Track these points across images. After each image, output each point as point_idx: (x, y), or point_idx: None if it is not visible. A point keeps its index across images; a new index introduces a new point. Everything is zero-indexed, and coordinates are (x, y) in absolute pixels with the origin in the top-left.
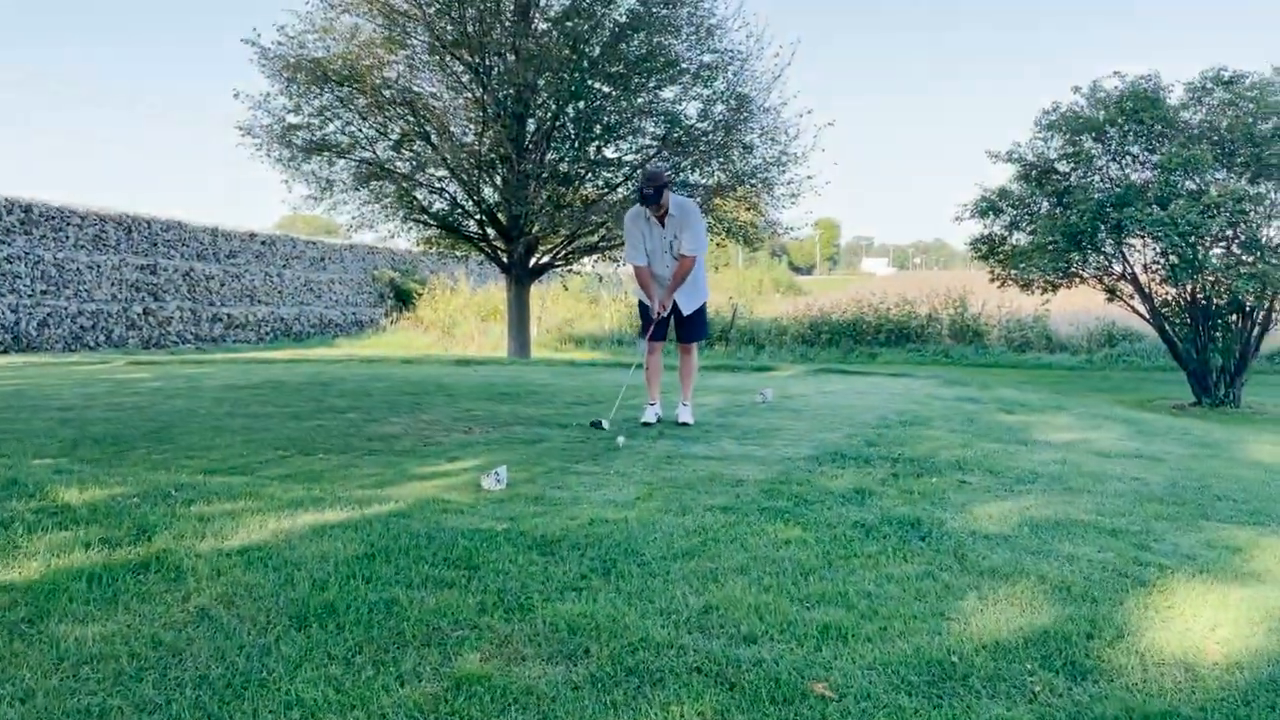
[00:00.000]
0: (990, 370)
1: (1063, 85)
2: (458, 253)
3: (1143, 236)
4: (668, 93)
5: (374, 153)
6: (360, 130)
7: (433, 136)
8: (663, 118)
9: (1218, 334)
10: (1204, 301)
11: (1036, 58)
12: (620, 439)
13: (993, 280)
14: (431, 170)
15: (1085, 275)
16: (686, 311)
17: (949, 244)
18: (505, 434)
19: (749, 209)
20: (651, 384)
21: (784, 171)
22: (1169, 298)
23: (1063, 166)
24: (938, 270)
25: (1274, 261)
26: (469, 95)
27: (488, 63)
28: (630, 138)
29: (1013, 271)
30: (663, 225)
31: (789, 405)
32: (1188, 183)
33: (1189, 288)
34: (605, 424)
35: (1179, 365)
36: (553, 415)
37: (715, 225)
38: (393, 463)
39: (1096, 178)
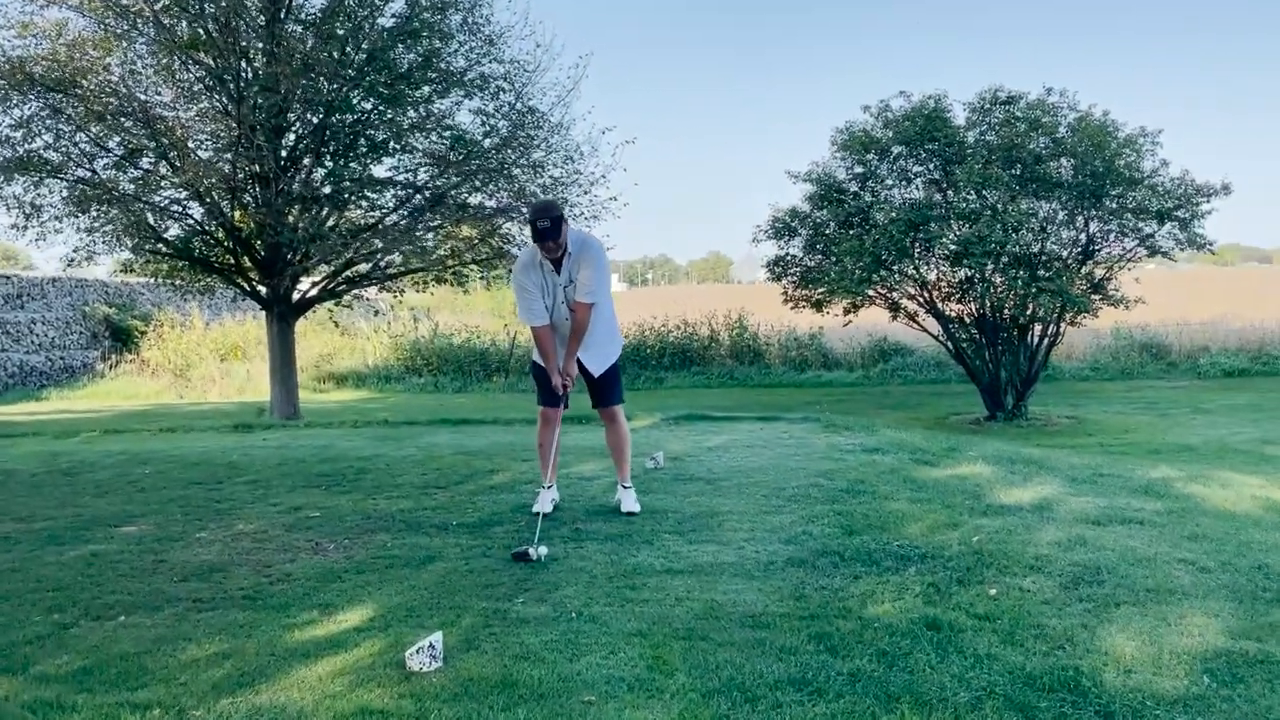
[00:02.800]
0: (777, 390)
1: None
2: (198, 286)
3: (941, 254)
4: (445, 105)
5: (94, 171)
6: (76, 145)
7: (170, 152)
8: (441, 133)
9: (1001, 348)
10: (997, 317)
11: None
12: (542, 550)
13: (786, 301)
14: (169, 191)
15: (887, 294)
16: (599, 371)
17: (673, 259)
18: (372, 550)
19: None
20: (546, 463)
21: (585, 192)
22: (961, 315)
23: (852, 186)
24: (665, 286)
25: (1043, 275)
26: (214, 105)
27: (234, 68)
28: (401, 155)
29: (820, 291)
30: (557, 269)
31: (690, 472)
32: (982, 200)
33: (986, 304)
34: (535, 553)
35: (972, 380)
36: (415, 510)
37: (506, 248)
38: (242, 625)
39: (886, 196)
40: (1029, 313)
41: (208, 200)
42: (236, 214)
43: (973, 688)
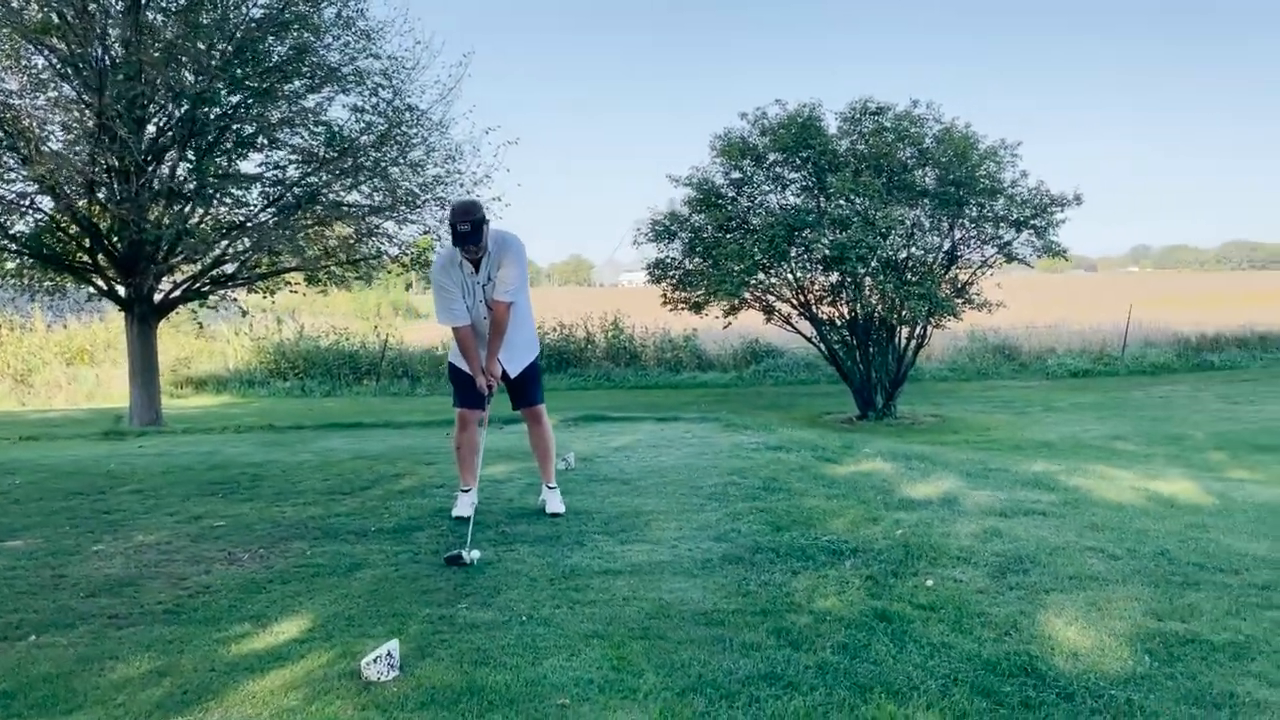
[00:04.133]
0: (654, 391)
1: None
2: (47, 286)
3: (816, 259)
4: (318, 100)
5: None
6: None
7: (19, 143)
8: (313, 129)
9: (872, 350)
10: (868, 320)
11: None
12: (474, 554)
13: (665, 303)
14: (17, 185)
15: (762, 297)
16: (516, 371)
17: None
18: (292, 559)
19: (426, 232)
20: (466, 466)
21: (468, 192)
22: (833, 317)
23: (729, 191)
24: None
25: (911, 280)
26: (67, 93)
27: (92, 55)
28: (270, 150)
29: (698, 293)
30: (476, 269)
31: (603, 473)
32: (854, 207)
33: (858, 307)
34: (469, 557)
35: (844, 380)
36: (327, 518)
37: (386, 247)
38: (170, 641)
39: (762, 201)
40: (900, 315)
41: (61, 195)
42: (94, 209)
43: (937, 675)
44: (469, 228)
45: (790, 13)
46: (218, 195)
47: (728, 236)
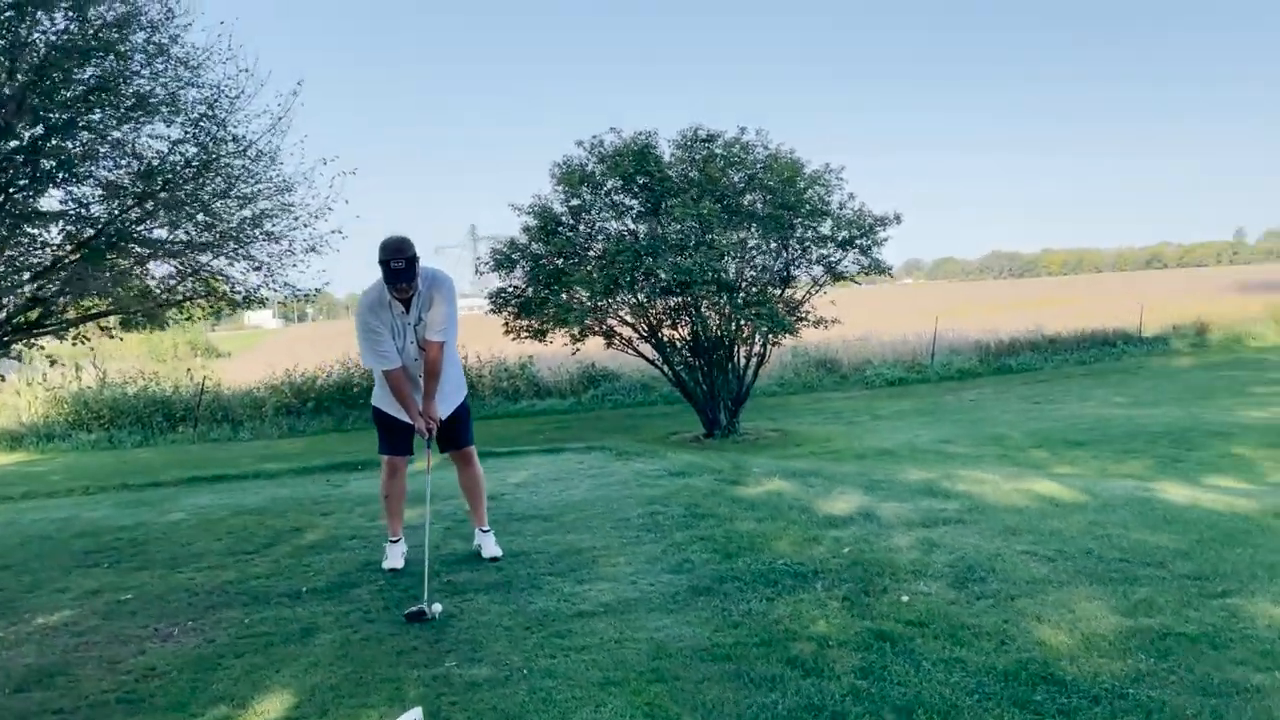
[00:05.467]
0: (493, 421)
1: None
2: None
3: (658, 284)
4: (127, 131)
5: None
6: None
7: None
8: (119, 161)
9: (714, 370)
10: (710, 341)
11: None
12: (436, 607)
13: (507, 332)
14: None
15: (600, 323)
16: (447, 413)
17: (330, 293)
18: (233, 629)
19: (257, 269)
20: (395, 516)
21: (305, 225)
22: (674, 339)
23: (568, 219)
24: (325, 321)
25: (750, 300)
26: None
27: None
28: (74, 185)
29: (542, 322)
30: (406, 308)
31: (518, 510)
32: (692, 232)
33: (700, 329)
34: (431, 611)
35: (688, 400)
36: (244, 581)
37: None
38: None
39: (601, 228)
40: (744, 335)
41: None
42: None
43: (967, 691)
44: (403, 264)
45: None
46: (12, 237)
47: (569, 264)
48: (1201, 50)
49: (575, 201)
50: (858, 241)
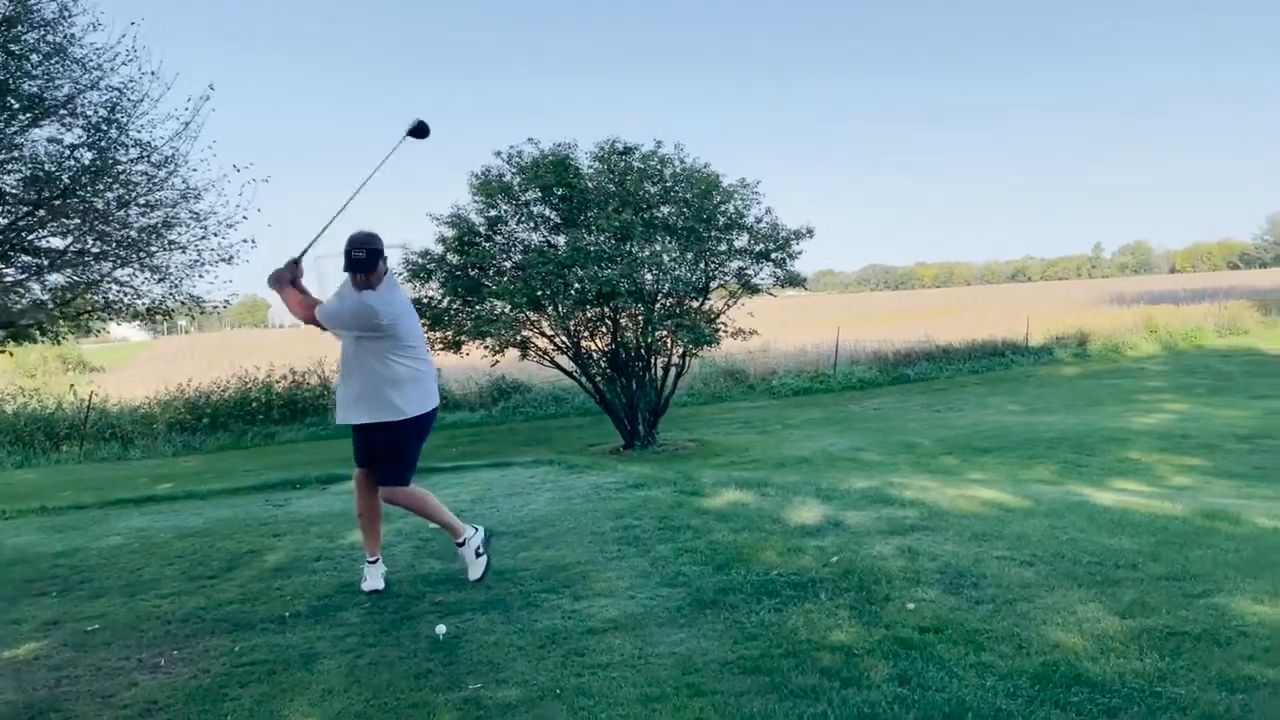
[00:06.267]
0: None
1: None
2: None
3: (579, 295)
4: (13, 133)
5: None
6: None
7: None
8: (20, 167)
9: (634, 381)
10: (629, 352)
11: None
12: (441, 628)
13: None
14: None
15: (515, 335)
16: (348, 419)
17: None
18: (226, 658)
19: (160, 280)
20: (370, 535)
21: (215, 234)
22: (591, 351)
23: (484, 229)
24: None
25: (672, 312)
26: None
27: None
28: None
29: (461, 334)
30: None
31: (490, 526)
32: (612, 244)
33: (620, 340)
34: (438, 631)
35: (607, 412)
36: (219, 607)
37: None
38: None
39: (517, 239)
40: (667, 347)
41: None
42: None
43: (1007, 694)
44: (363, 255)
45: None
46: None
47: (487, 274)
48: (1060, 80)
49: (493, 212)
50: (774, 254)
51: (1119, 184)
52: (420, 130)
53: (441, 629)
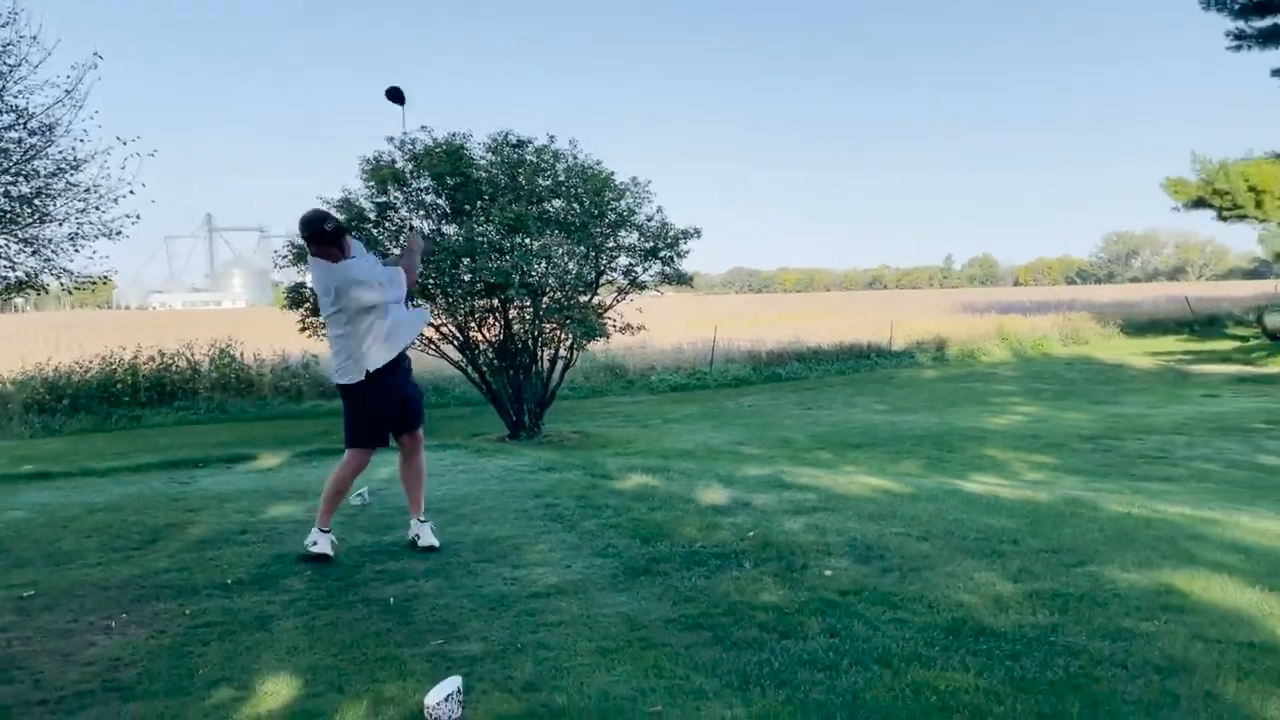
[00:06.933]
0: (279, 422)
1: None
2: None
3: (469, 286)
4: None
5: None
6: None
7: None
8: None
9: (520, 373)
10: (518, 344)
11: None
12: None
13: (304, 329)
14: None
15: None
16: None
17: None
18: (175, 620)
19: (34, 253)
20: (335, 505)
21: (95, 208)
22: (478, 341)
23: (374, 215)
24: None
25: (562, 305)
26: None
27: None
28: None
29: None
30: None
31: (405, 506)
32: (504, 236)
33: (509, 331)
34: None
35: (493, 403)
36: (156, 575)
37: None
38: (172, 717)
39: (410, 227)
40: (556, 339)
41: None
42: None
43: (925, 643)
44: (335, 225)
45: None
46: None
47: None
48: (910, 95)
49: (383, 198)
50: (662, 253)
51: (968, 198)
52: (395, 96)
53: (391, 595)
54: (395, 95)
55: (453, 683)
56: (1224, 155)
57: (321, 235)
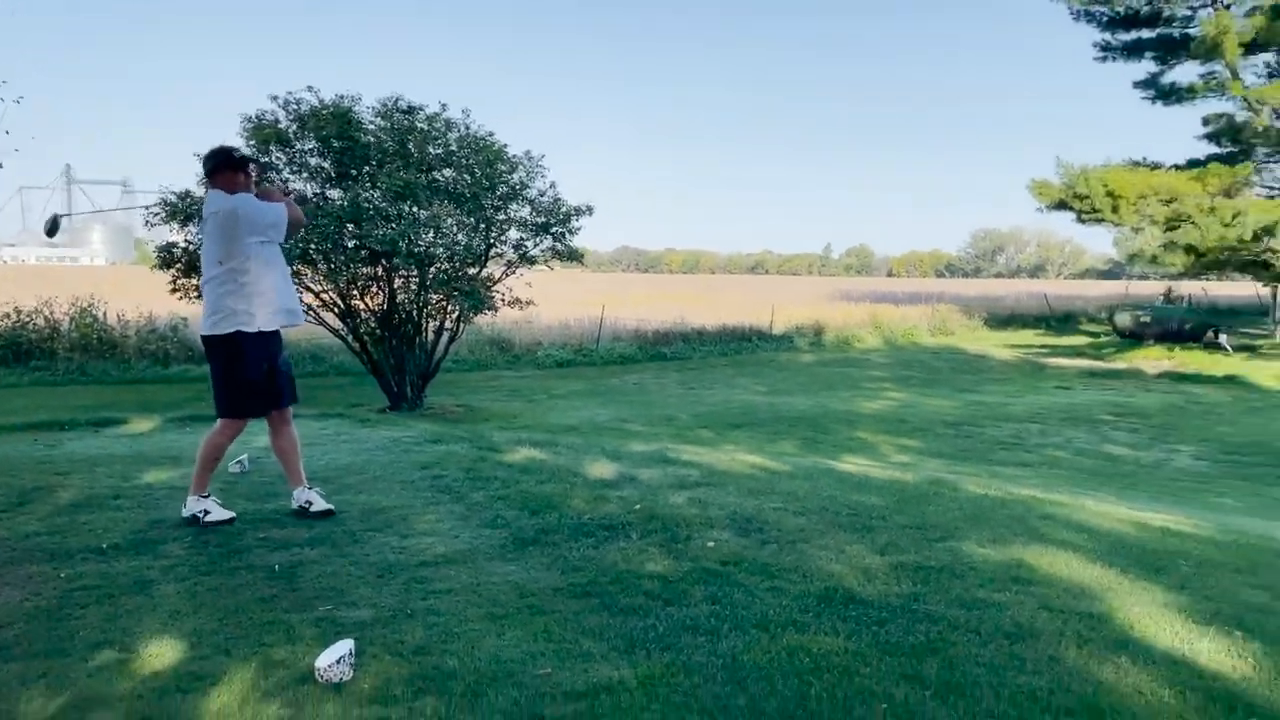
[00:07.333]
0: (145, 387)
1: None
2: None
3: (354, 253)
4: None
5: None
6: None
7: None
8: None
9: (404, 344)
10: (403, 314)
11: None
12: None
13: (174, 290)
14: None
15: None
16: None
17: None
18: (48, 583)
19: None
20: (211, 471)
21: None
22: (360, 310)
23: (253, 176)
24: None
25: (449, 276)
26: None
27: None
28: None
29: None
30: None
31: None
32: (391, 203)
33: (394, 301)
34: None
35: (374, 374)
36: (25, 538)
37: None
38: (40, 674)
39: (293, 190)
40: (442, 310)
41: None
42: None
43: (800, 609)
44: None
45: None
46: None
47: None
48: (791, 84)
49: (264, 159)
50: (554, 229)
51: (848, 190)
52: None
53: (276, 562)
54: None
55: (345, 645)
56: (1085, 161)
57: (230, 161)
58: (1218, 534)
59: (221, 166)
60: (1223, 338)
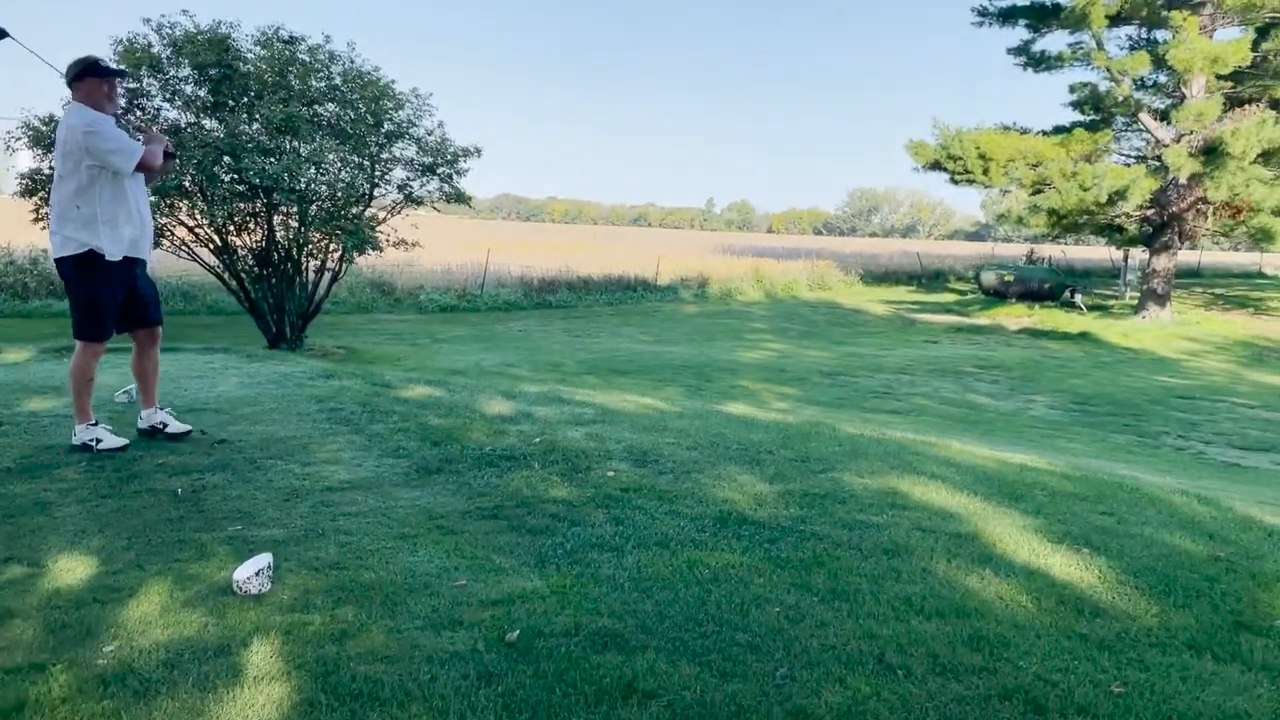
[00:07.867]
0: (3, 322)
1: None
2: None
3: (240, 186)
4: None
5: None
6: None
7: None
8: None
9: (284, 283)
10: (283, 253)
11: None
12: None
13: (36, 220)
14: None
15: (166, 221)
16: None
17: None
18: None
19: None
20: (88, 396)
21: None
22: (238, 247)
23: (122, 102)
24: None
25: (332, 215)
26: None
27: None
28: None
29: None
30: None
31: (185, 404)
32: (272, 135)
33: (274, 239)
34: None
35: (252, 313)
36: None
37: None
38: None
39: (165, 118)
40: (324, 249)
41: None
42: None
43: (697, 529)
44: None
45: None
46: None
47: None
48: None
49: (134, 84)
50: (440, 169)
51: (730, 144)
52: None
53: (178, 486)
54: None
55: (263, 559)
56: (961, 124)
57: (96, 69)
58: (1069, 470)
59: (85, 74)
60: (1078, 297)
